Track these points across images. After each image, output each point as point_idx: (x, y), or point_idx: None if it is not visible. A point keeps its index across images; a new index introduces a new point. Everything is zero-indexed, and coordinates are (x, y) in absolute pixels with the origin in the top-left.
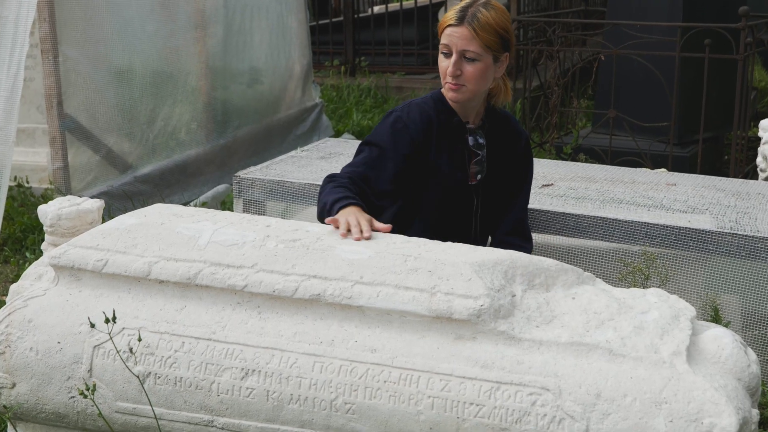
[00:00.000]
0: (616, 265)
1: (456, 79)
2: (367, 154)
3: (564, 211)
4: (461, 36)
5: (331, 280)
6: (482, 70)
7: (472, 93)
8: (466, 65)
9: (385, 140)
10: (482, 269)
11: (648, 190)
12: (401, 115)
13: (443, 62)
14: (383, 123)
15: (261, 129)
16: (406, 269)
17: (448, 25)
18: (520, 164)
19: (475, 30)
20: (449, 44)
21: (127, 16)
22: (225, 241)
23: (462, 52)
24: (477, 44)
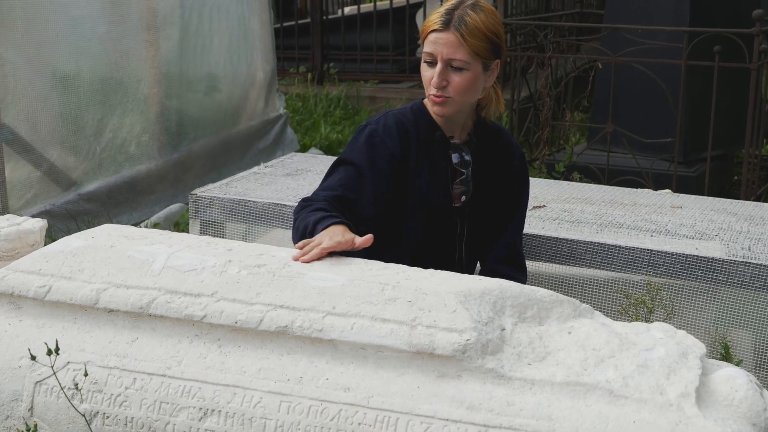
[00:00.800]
0: (616, 296)
1: (441, 90)
2: (343, 174)
3: (557, 236)
4: (447, 42)
5: (300, 310)
6: (471, 80)
7: (459, 105)
8: (453, 75)
9: (362, 158)
10: (468, 300)
11: (651, 214)
12: (376, 129)
13: (427, 71)
14: (357, 138)
15: (219, 142)
16: (383, 299)
17: (432, 31)
18: (513, 185)
19: (463, 35)
20: (434, 52)
21: (74, 15)
22: (182, 267)
23: (448, 61)
24: (465, 51)
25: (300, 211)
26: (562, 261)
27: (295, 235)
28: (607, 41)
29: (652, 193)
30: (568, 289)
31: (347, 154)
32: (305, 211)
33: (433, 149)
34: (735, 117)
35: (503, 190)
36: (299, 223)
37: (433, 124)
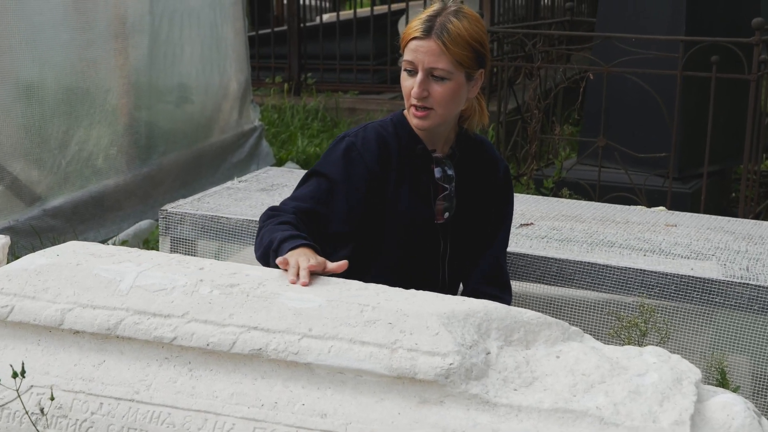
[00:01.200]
0: (607, 318)
1: (422, 101)
2: (315, 186)
3: (546, 255)
4: (428, 51)
5: (275, 332)
6: (453, 91)
7: (441, 118)
8: (434, 85)
9: (337, 172)
10: (451, 322)
11: (644, 232)
12: (355, 142)
13: (407, 81)
14: (334, 150)
15: (191, 156)
16: (362, 321)
17: (413, 38)
18: (497, 199)
19: (445, 44)
20: (414, 60)
21: (35, 22)
22: (151, 286)
23: (429, 70)
24: (447, 60)
25: (266, 220)
26: (551, 281)
27: (258, 248)
28: (598, 51)
29: (646, 211)
30: (557, 311)
31: (322, 166)
32: (272, 222)
33: (414, 163)
34: (733, 131)
35: (487, 206)
36: (265, 235)
37: (414, 137)
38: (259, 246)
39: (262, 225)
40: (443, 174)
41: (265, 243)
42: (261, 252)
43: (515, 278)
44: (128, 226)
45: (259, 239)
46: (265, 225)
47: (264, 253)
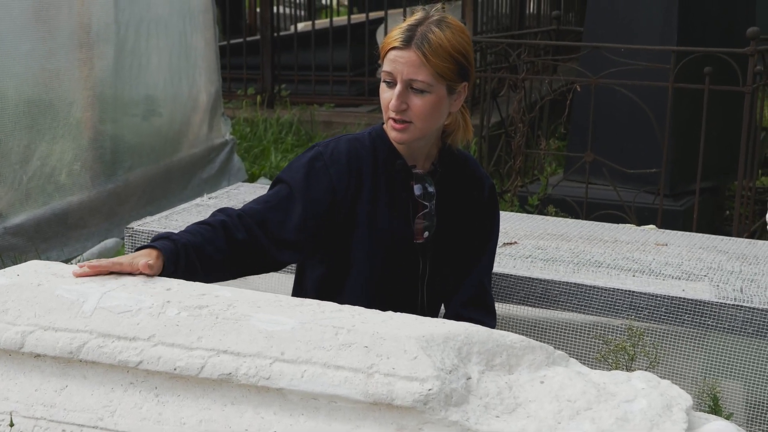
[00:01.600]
0: (594, 342)
1: (401, 114)
2: (275, 192)
3: (530, 276)
4: (408, 62)
5: (246, 356)
6: (433, 104)
7: (420, 132)
8: (414, 97)
9: (298, 180)
10: (430, 345)
11: (633, 252)
12: (323, 152)
13: (385, 93)
14: (301, 158)
15: (159, 171)
16: (337, 344)
17: (392, 48)
18: (481, 218)
19: (425, 54)
20: (393, 71)
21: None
22: (115, 308)
23: (408, 82)
24: (427, 72)
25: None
26: (535, 303)
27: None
28: (586, 61)
29: (635, 229)
30: (542, 334)
31: (285, 172)
32: (196, 223)
33: (392, 179)
34: (727, 145)
35: (471, 225)
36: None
37: (394, 151)
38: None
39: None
40: (423, 191)
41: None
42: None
43: (498, 299)
44: (93, 244)
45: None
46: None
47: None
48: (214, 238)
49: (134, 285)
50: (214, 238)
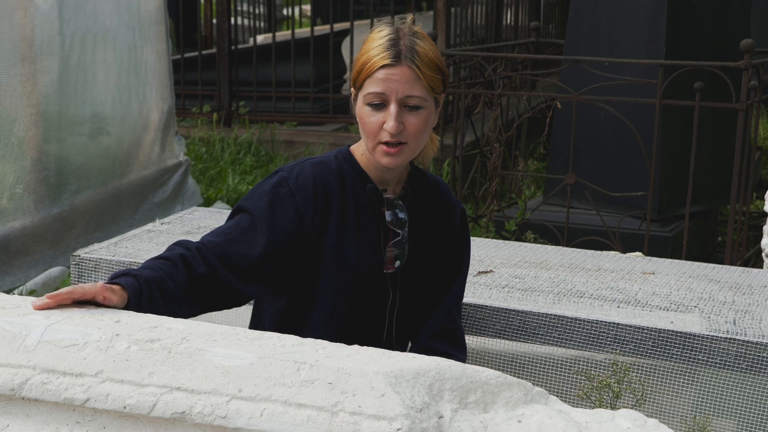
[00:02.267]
0: (575, 378)
1: (397, 136)
2: (236, 223)
3: (507, 307)
4: (402, 78)
5: (201, 393)
6: (427, 121)
7: (412, 152)
8: (408, 116)
9: (261, 208)
10: (399, 382)
11: (618, 281)
12: (288, 177)
13: (373, 117)
14: (263, 184)
15: (107, 195)
16: (299, 380)
17: (382, 66)
18: (453, 246)
19: (419, 68)
20: (385, 91)
21: None
22: (61, 341)
23: (403, 100)
24: (422, 87)
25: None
26: (512, 336)
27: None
28: (567, 76)
29: (620, 257)
30: (519, 370)
31: (247, 200)
32: (153, 258)
33: (362, 205)
34: (719, 167)
35: (442, 254)
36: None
37: (363, 175)
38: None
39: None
40: (394, 218)
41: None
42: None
43: (472, 333)
44: (36, 273)
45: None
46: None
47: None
48: (175, 273)
49: (81, 317)
50: (174, 273)
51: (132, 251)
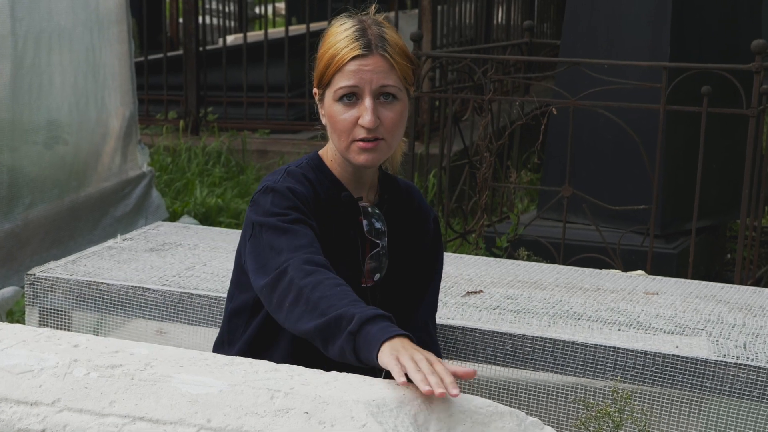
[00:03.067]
0: (572, 407)
1: (373, 132)
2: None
3: (498, 330)
4: (375, 68)
5: (166, 423)
6: (402, 113)
7: (389, 149)
8: (383, 110)
9: (297, 205)
10: (382, 411)
11: (618, 302)
12: (276, 181)
13: (346, 113)
14: (262, 200)
15: (64, 209)
16: (272, 410)
17: (353, 58)
18: (427, 254)
19: (392, 56)
20: (358, 83)
21: None
22: (14, 367)
23: (378, 91)
24: (396, 76)
25: (307, 276)
26: (504, 362)
27: (308, 313)
28: (563, 80)
29: (621, 276)
30: (512, 398)
31: (263, 217)
32: (325, 284)
33: (338, 215)
34: (728, 178)
35: (418, 263)
36: (321, 299)
37: (336, 183)
38: (308, 311)
39: (304, 286)
40: (371, 227)
41: (330, 314)
42: (317, 322)
43: (460, 358)
44: None
45: (306, 301)
46: (310, 282)
47: (326, 326)
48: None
49: (36, 341)
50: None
51: (91, 269)
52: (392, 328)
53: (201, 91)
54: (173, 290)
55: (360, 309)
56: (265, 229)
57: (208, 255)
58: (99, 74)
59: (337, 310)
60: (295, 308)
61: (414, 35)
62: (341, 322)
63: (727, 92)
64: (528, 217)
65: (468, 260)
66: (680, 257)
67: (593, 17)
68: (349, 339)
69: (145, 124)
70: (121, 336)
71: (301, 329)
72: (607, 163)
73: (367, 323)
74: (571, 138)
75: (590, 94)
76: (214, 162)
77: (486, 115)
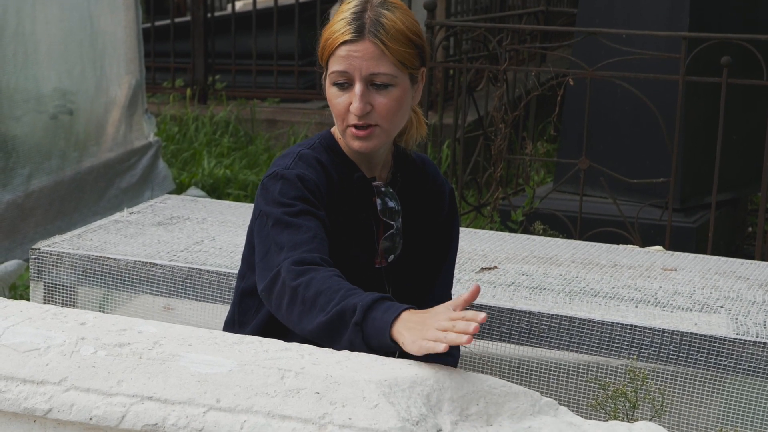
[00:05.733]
0: (588, 386)
1: (365, 118)
2: (302, 221)
3: (513, 308)
4: (365, 54)
5: (175, 404)
6: (400, 99)
7: (387, 135)
8: (377, 96)
9: (304, 195)
10: (394, 391)
11: (635, 278)
12: (285, 168)
13: (339, 98)
14: (271, 186)
15: (66, 179)
16: (283, 390)
17: (342, 43)
18: (442, 229)
19: (384, 42)
20: (348, 70)
21: None
22: (20, 345)
23: (369, 78)
24: (389, 62)
25: (299, 277)
26: (519, 340)
27: (309, 314)
28: (580, 50)
29: (639, 251)
30: (526, 377)
31: (271, 206)
32: (317, 279)
33: (351, 197)
34: (749, 151)
35: (434, 239)
36: (319, 297)
37: (349, 163)
38: (306, 310)
39: (298, 286)
40: (384, 207)
41: (330, 310)
42: (320, 320)
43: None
44: None
45: (302, 301)
46: (302, 282)
47: (329, 323)
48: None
49: (42, 318)
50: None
51: (98, 244)
52: (394, 307)
53: (209, 58)
54: (181, 265)
55: (359, 298)
56: (270, 220)
57: (216, 229)
58: (98, 42)
59: (337, 305)
60: (293, 310)
61: (427, 4)
62: (345, 316)
63: (748, 63)
64: (544, 189)
65: (482, 235)
66: (699, 231)
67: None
68: (357, 330)
69: (151, 93)
70: (128, 312)
71: (305, 329)
72: (625, 135)
73: (370, 310)
74: (588, 109)
75: (607, 64)
76: (222, 132)
77: (501, 86)
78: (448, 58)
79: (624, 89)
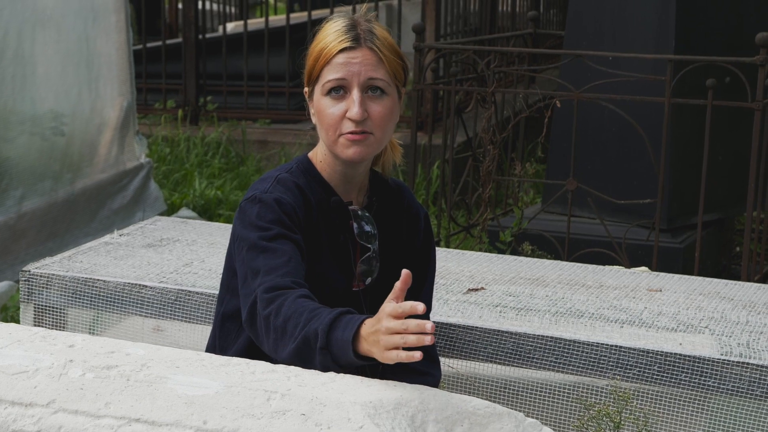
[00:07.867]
0: (572, 406)
1: (361, 125)
2: (278, 245)
3: (499, 329)
4: (363, 61)
5: (162, 425)
6: (392, 109)
7: (378, 145)
8: (372, 104)
9: (281, 219)
10: (379, 413)
11: (621, 299)
12: (263, 192)
13: (333, 107)
14: (248, 210)
15: (59, 200)
16: (269, 411)
17: (341, 51)
18: (418, 255)
19: (380, 50)
20: (346, 76)
21: None
22: (9, 367)
23: (367, 84)
24: (384, 71)
25: (269, 305)
26: (505, 360)
27: (286, 344)
28: (568, 72)
29: (624, 272)
30: (512, 398)
31: (250, 231)
32: (286, 305)
33: (328, 220)
34: (735, 171)
35: (411, 264)
36: (288, 323)
37: (326, 186)
38: (278, 338)
39: (270, 316)
40: (361, 230)
41: (297, 335)
42: (291, 347)
43: (460, 356)
44: None
45: (274, 330)
46: (272, 309)
47: (298, 350)
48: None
49: (31, 340)
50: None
51: (88, 266)
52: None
53: (200, 79)
54: (170, 287)
55: (318, 321)
56: (246, 245)
57: (206, 251)
58: (93, 64)
59: (302, 331)
60: (268, 340)
61: (416, 27)
62: (309, 342)
63: (732, 85)
64: (532, 210)
65: (470, 256)
66: (686, 251)
67: (598, 8)
68: (324, 354)
69: (143, 114)
70: (118, 334)
71: (282, 357)
72: (612, 156)
73: (331, 331)
74: (575, 131)
75: (595, 86)
76: (214, 153)
77: (489, 107)
78: (437, 80)
79: (611, 111)
